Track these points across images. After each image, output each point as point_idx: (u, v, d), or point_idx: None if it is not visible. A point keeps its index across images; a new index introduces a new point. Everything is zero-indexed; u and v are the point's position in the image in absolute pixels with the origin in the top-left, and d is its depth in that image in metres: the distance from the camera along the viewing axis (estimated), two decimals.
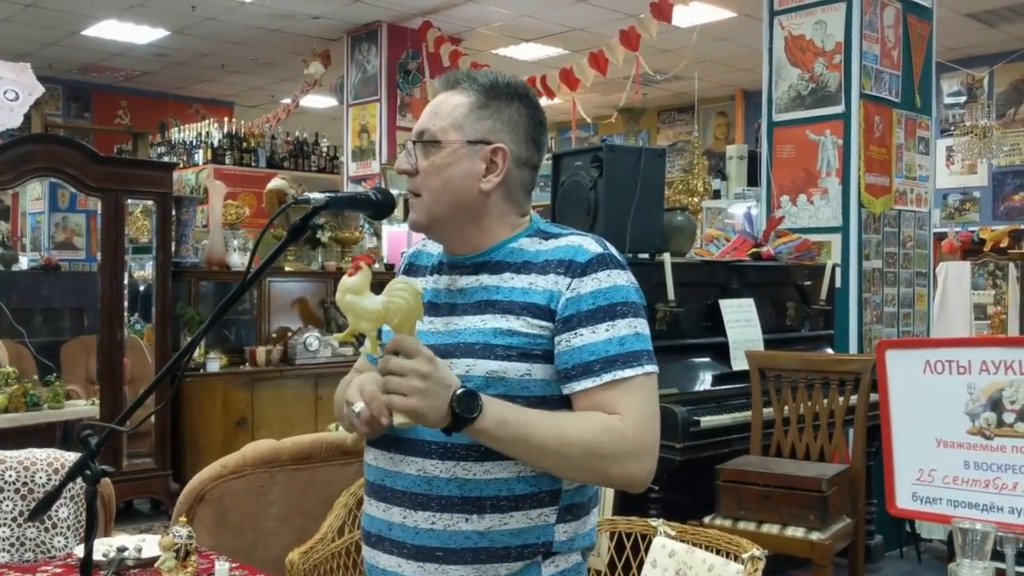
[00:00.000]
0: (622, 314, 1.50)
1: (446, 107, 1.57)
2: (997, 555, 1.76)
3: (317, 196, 1.47)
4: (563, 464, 1.47)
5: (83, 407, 5.74)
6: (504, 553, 1.49)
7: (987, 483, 1.98)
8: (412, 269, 1.72)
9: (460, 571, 1.48)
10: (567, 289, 1.50)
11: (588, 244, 1.54)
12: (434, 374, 1.37)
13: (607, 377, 1.47)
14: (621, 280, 1.53)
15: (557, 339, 1.50)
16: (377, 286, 1.40)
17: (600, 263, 1.52)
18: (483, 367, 1.49)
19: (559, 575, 1.53)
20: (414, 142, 1.58)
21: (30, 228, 9.23)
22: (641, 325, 1.53)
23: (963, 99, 9.77)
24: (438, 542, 1.47)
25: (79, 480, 1.42)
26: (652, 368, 1.51)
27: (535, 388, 1.50)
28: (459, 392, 1.38)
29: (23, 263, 7.80)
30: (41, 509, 1.46)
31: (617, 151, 3.83)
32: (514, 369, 1.49)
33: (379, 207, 1.57)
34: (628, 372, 1.48)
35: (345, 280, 1.41)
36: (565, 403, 1.52)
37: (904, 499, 2.09)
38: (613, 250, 1.56)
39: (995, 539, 1.70)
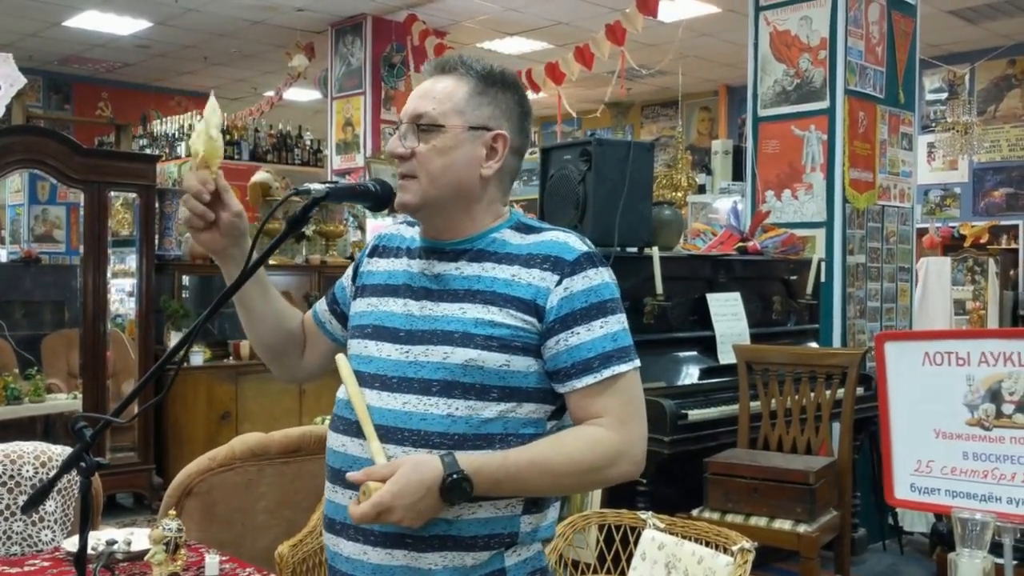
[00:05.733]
0: (612, 310, 1.54)
1: (443, 91, 1.57)
2: (995, 546, 1.78)
3: (317, 187, 1.46)
4: (563, 490, 1.60)
5: (64, 401, 5.70)
6: (472, 542, 1.50)
7: (986, 473, 2.00)
8: (379, 251, 1.71)
9: (429, 559, 1.49)
10: (557, 286, 1.52)
11: (573, 241, 1.57)
12: (400, 503, 1.40)
13: (607, 372, 1.51)
14: (606, 277, 1.56)
15: (554, 339, 1.52)
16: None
17: (588, 261, 1.54)
18: (462, 355, 1.50)
19: (521, 563, 1.55)
20: (418, 125, 1.56)
21: (9, 220, 9.13)
22: (625, 320, 1.58)
23: (945, 96, 9.84)
24: (408, 529, 1.47)
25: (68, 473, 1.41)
26: (638, 361, 1.57)
27: (511, 379, 1.51)
28: (446, 487, 1.41)
29: (2, 256, 7.73)
30: (35, 501, 1.45)
31: (606, 145, 3.83)
32: (493, 359, 1.50)
33: (379, 198, 1.56)
34: (623, 367, 1.53)
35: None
36: (537, 396, 1.54)
37: (903, 490, 2.11)
38: (593, 247, 1.59)
39: (994, 529, 1.72)
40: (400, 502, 1.40)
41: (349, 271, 1.78)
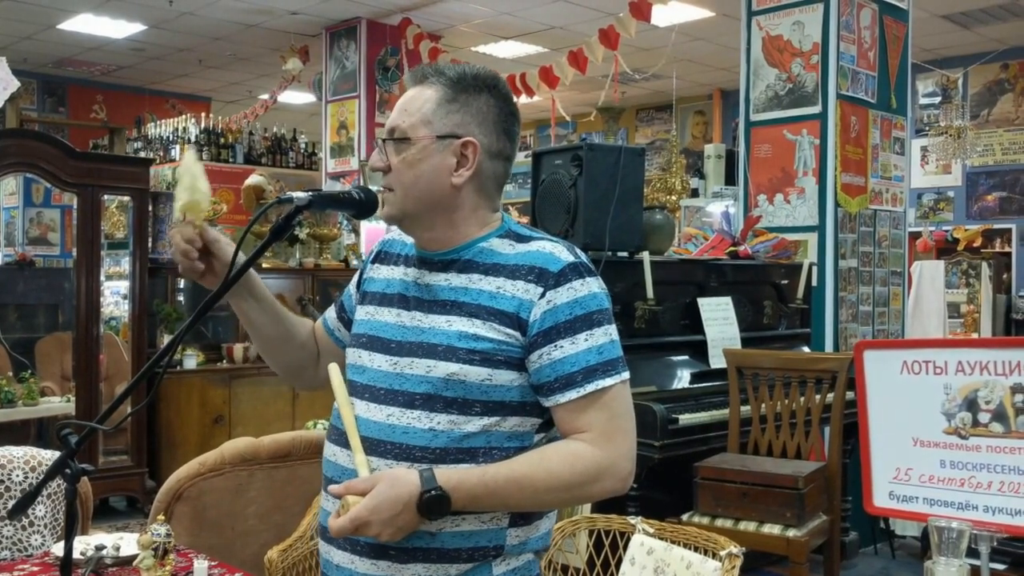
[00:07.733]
0: (598, 322, 1.51)
1: (415, 103, 1.56)
2: (972, 552, 1.79)
3: (300, 195, 1.47)
4: (545, 505, 1.54)
5: (58, 404, 5.69)
6: (455, 555, 1.49)
7: (962, 482, 2.01)
8: (381, 257, 1.71)
9: (412, 570, 1.49)
10: (540, 299, 1.49)
11: (560, 252, 1.53)
12: (377, 518, 1.40)
13: (590, 387, 1.48)
14: (595, 287, 1.53)
15: (537, 353, 1.49)
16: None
17: (573, 271, 1.51)
18: (444, 369, 1.49)
19: (510, 572, 1.54)
20: (384, 140, 1.57)
21: (4, 223, 9.14)
22: (614, 331, 1.54)
23: (938, 100, 9.87)
24: (389, 541, 1.47)
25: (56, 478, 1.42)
26: (627, 374, 1.53)
27: (494, 393, 1.50)
28: (423, 503, 1.41)
29: None
30: (21, 508, 1.46)
31: (597, 150, 3.84)
32: (475, 373, 1.48)
33: (362, 206, 1.56)
34: (608, 381, 1.49)
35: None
36: (521, 410, 1.53)
37: (881, 498, 2.12)
38: (584, 256, 1.56)
39: (970, 537, 1.73)
40: (377, 517, 1.40)
41: (355, 278, 1.77)
